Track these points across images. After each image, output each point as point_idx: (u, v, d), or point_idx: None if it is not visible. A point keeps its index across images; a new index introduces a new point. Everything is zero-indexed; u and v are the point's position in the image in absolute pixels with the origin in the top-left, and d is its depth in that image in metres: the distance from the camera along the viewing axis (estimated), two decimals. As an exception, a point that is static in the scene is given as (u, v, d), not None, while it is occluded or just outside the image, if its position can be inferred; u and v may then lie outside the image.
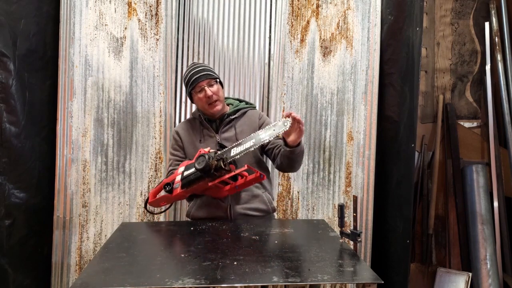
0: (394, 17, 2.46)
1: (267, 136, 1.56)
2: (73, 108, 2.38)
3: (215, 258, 1.23)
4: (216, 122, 1.87)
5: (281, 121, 1.55)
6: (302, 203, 2.53)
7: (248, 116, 1.91)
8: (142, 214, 2.44)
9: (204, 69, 1.82)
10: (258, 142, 1.57)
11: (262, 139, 1.57)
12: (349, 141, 2.53)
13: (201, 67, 1.83)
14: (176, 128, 1.94)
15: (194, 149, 1.81)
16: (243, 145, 1.58)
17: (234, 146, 1.60)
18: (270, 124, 1.62)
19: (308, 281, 1.08)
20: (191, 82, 1.81)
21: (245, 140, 1.61)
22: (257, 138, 1.57)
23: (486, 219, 2.64)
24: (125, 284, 1.04)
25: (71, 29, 2.37)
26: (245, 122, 1.88)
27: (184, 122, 1.98)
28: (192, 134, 1.87)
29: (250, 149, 1.58)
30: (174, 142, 1.91)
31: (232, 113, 1.87)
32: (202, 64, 1.87)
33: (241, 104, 1.94)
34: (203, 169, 1.54)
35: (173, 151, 1.90)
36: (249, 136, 1.61)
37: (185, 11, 2.49)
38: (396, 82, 2.44)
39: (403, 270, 2.31)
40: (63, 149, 2.36)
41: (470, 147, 2.81)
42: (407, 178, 2.31)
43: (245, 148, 1.57)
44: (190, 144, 1.85)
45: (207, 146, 1.77)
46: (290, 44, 2.51)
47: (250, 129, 1.83)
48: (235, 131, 1.83)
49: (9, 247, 2.14)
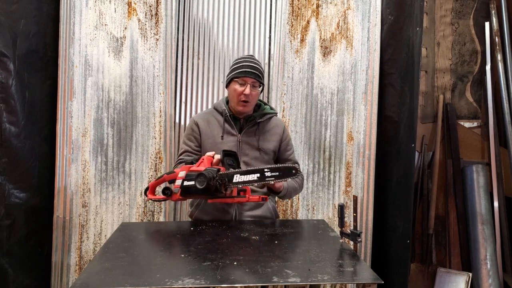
0: (394, 17, 2.46)
1: (272, 178, 1.54)
2: (73, 108, 2.37)
3: (215, 258, 1.22)
4: (240, 121, 1.82)
5: (292, 169, 1.55)
6: (302, 203, 2.53)
7: (273, 124, 1.86)
8: (142, 214, 2.44)
9: (257, 69, 1.77)
10: (262, 179, 1.54)
11: (266, 178, 1.54)
12: (349, 141, 2.53)
13: (256, 64, 1.78)
14: (195, 118, 1.85)
15: (212, 144, 1.77)
16: (247, 176, 1.54)
17: (238, 172, 1.55)
18: (280, 164, 1.59)
19: (308, 281, 1.08)
20: (240, 72, 1.74)
21: (251, 170, 1.55)
22: (262, 174, 1.54)
23: (486, 219, 2.63)
24: (125, 284, 1.03)
25: (71, 29, 2.37)
26: (269, 131, 1.84)
27: (205, 113, 1.90)
28: (213, 128, 1.80)
29: (253, 184, 1.55)
30: (190, 131, 1.83)
31: (258, 117, 1.82)
32: (258, 63, 1.81)
33: (267, 108, 1.88)
34: (203, 189, 1.51)
35: (187, 141, 1.83)
36: (256, 168, 1.56)
37: (185, 11, 2.49)
38: (396, 82, 2.44)
39: (403, 270, 2.31)
40: (63, 149, 2.36)
41: (470, 147, 2.81)
42: (407, 178, 2.31)
43: (248, 180, 1.53)
44: (209, 138, 1.79)
45: (227, 144, 1.75)
46: (290, 44, 2.51)
47: (274, 139, 1.82)
48: (258, 136, 1.80)
49: (9, 247, 2.14)
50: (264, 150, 1.80)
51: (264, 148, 1.80)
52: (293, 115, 2.52)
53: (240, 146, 1.77)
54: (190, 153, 1.81)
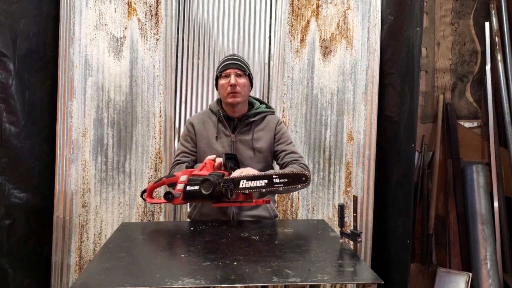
0: (394, 17, 2.46)
1: (281, 185, 1.48)
2: (73, 108, 2.37)
3: (215, 258, 1.22)
4: (234, 121, 1.81)
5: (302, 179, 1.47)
6: (302, 203, 2.53)
7: (267, 121, 1.85)
8: (142, 214, 2.44)
9: (238, 60, 1.79)
10: (270, 185, 1.48)
11: (275, 184, 1.48)
12: (349, 141, 2.53)
13: (236, 57, 1.80)
14: (191, 119, 1.86)
15: (207, 145, 1.77)
16: (254, 182, 1.49)
17: (244, 178, 1.51)
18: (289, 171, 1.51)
19: (308, 281, 1.08)
20: (221, 66, 1.77)
21: (258, 176, 1.51)
22: (270, 180, 1.49)
23: (486, 219, 2.63)
24: (125, 284, 1.03)
25: (71, 29, 2.37)
26: (263, 128, 1.83)
27: (200, 113, 1.90)
28: (208, 128, 1.81)
29: (260, 190, 1.51)
30: (186, 133, 1.84)
31: (252, 116, 1.81)
32: (240, 57, 1.83)
33: (262, 107, 1.87)
34: (210, 195, 1.49)
35: (184, 142, 1.83)
36: (264, 173, 1.52)
37: (185, 11, 2.49)
38: (396, 82, 2.44)
39: (403, 270, 2.31)
40: (63, 149, 2.36)
41: (470, 147, 2.81)
42: (407, 178, 2.31)
43: (255, 186, 1.49)
44: (204, 138, 1.79)
45: (222, 144, 1.75)
46: (290, 44, 2.51)
47: (267, 136, 1.81)
48: (252, 135, 1.79)
49: (9, 247, 2.14)
50: (258, 149, 1.78)
51: (258, 147, 1.78)
52: (293, 115, 2.52)
53: (235, 146, 1.77)
54: (186, 154, 1.81)
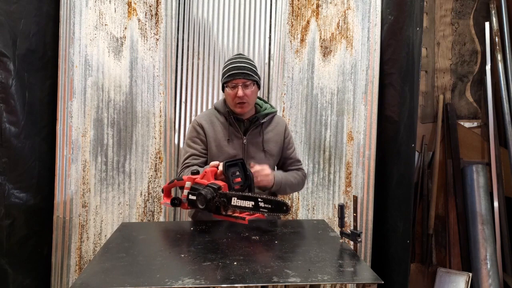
0: (394, 17, 2.46)
1: (266, 210, 1.45)
2: (73, 108, 2.37)
3: (215, 258, 1.22)
4: (244, 123, 1.78)
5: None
6: (302, 203, 2.53)
7: (275, 123, 1.84)
8: (142, 214, 2.44)
9: (245, 67, 1.71)
10: (256, 208, 1.46)
11: (260, 208, 1.46)
12: (349, 141, 2.53)
13: (243, 63, 1.72)
14: (199, 120, 1.78)
15: (218, 147, 1.73)
16: (243, 202, 1.48)
17: (236, 195, 1.49)
18: (273, 198, 1.46)
19: (308, 281, 1.08)
20: (228, 76, 1.70)
21: (247, 196, 1.48)
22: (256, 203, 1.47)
23: (486, 219, 2.63)
24: (125, 284, 1.03)
25: (71, 29, 2.37)
26: (272, 130, 1.82)
27: (207, 114, 1.83)
28: (217, 130, 1.76)
29: (249, 210, 1.48)
30: (195, 134, 1.76)
31: (261, 117, 1.79)
32: (246, 60, 1.75)
33: (268, 107, 1.85)
34: (204, 208, 1.51)
35: (192, 143, 1.76)
36: (251, 196, 1.48)
37: (185, 11, 2.49)
38: (396, 82, 2.44)
39: (403, 270, 2.31)
40: (63, 149, 2.36)
41: (470, 147, 2.81)
42: (407, 178, 2.31)
43: (244, 206, 1.48)
44: (215, 140, 1.74)
45: (234, 147, 1.73)
46: (290, 44, 2.51)
47: (276, 139, 1.81)
48: (262, 137, 1.78)
49: (9, 247, 2.14)
50: (269, 152, 1.79)
51: (269, 150, 1.79)
52: (293, 115, 2.52)
53: (246, 149, 1.75)
54: (197, 156, 1.75)
